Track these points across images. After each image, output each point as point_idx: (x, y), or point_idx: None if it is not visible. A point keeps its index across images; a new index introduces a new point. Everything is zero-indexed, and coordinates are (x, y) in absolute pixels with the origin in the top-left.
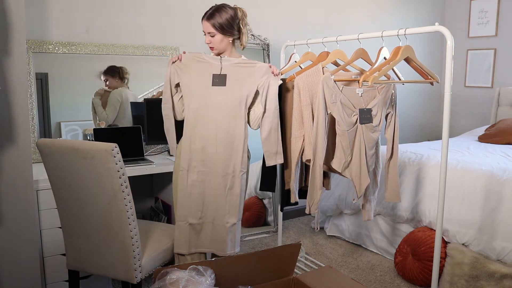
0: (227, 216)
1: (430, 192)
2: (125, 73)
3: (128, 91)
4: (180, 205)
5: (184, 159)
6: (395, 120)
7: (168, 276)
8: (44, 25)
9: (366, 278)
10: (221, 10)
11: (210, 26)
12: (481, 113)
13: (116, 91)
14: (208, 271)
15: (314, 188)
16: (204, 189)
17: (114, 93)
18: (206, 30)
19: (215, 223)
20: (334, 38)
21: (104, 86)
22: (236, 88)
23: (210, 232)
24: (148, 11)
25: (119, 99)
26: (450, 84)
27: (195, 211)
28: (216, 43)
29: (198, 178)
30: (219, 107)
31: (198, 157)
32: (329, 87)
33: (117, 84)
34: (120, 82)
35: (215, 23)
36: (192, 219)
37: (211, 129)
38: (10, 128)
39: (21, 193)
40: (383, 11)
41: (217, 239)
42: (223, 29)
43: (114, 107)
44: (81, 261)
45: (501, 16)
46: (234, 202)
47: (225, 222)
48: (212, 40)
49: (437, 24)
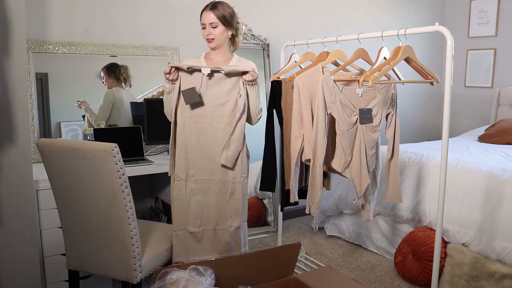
0: (230, 220)
1: (430, 192)
2: (122, 74)
3: (124, 90)
4: (178, 215)
5: (180, 168)
6: (395, 120)
7: (168, 276)
8: (44, 25)
9: (366, 278)
10: (223, 4)
11: (214, 16)
12: (481, 113)
13: (109, 92)
14: (208, 271)
15: (314, 188)
16: (203, 196)
17: (107, 94)
18: (208, 21)
19: (217, 228)
20: (334, 38)
21: (102, 82)
22: (223, 98)
23: (211, 238)
24: (148, 11)
25: (110, 99)
26: (450, 84)
27: (194, 220)
28: (217, 35)
29: (196, 186)
30: (212, 115)
31: (195, 165)
32: (328, 87)
33: (112, 84)
34: (116, 81)
35: (218, 14)
36: (192, 227)
37: (208, 136)
38: (10, 128)
39: (21, 193)
40: (383, 11)
41: (220, 243)
42: (226, 20)
43: (104, 109)
44: (81, 261)
45: (501, 16)
46: (237, 207)
47: (228, 226)
48: (213, 32)
49: (437, 24)
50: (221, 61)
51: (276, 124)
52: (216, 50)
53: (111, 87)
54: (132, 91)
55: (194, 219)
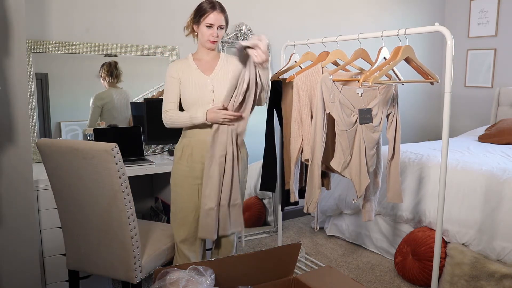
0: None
1: (430, 192)
2: (105, 74)
3: (115, 90)
4: (210, 190)
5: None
6: (396, 121)
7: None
8: (44, 25)
9: (366, 278)
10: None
11: (223, 18)
12: (481, 113)
13: (97, 96)
14: (208, 271)
15: (312, 188)
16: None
17: (94, 99)
18: (218, 23)
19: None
20: (334, 38)
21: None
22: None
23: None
24: (148, 11)
25: (98, 104)
26: (450, 84)
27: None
28: (220, 37)
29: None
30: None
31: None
32: (327, 87)
33: (104, 84)
34: (106, 82)
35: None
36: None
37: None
38: (10, 128)
39: (21, 193)
40: (383, 11)
41: (236, 220)
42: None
43: (93, 114)
44: (81, 261)
45: (501, 16)
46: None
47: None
48: (219, 33)
49: (437, 24)
50: (210, 60)
51: (276, 124)
52: (207, 50)
53: (104, 88)
54: (132, 91)
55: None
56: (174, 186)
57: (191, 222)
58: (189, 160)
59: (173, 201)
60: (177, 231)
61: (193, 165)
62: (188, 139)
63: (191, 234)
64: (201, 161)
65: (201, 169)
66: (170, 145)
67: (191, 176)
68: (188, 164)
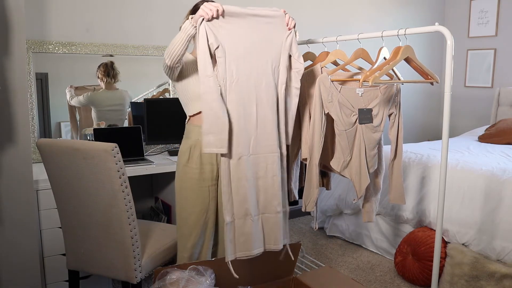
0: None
1: (430, 192)
2: (102, 75)
3: (105, 92)
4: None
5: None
6: (398, 121)
7: (168, 276)
8: (44, 25)
9: (366, 278)
10: None
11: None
12: (481, 113)
13: (87, 96)
14: (208, 271)
15: (310, 187)
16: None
17: (84, 96)
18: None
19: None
20: (334, 38)
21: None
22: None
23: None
24: (148, 11)
25: (82, 101)
26: (450, 84)
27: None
28: None
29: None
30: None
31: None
32: (325, 87)
33: (102, 85)
34: (103, 83)
35: None
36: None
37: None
38: (10, 128)
39: (21, 193)
40: (383, 11)
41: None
42: None
43: (71, 107)
44: (81, 261)
45: (501, 16)
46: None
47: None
48: None
49: (437, 24)
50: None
51: None
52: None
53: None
54: (132, 91)
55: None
56: (183, 190)
57: (202, 225)
58: (198, 162)
59: (181, 207)
60: (188, 237)
61: (202, 167)
62: (194, 139)
63: (203, 237)
64: (211, 162)
65: (210, 170)
66: (170, 145)
67: (201, 179)
68: (198, 166)
